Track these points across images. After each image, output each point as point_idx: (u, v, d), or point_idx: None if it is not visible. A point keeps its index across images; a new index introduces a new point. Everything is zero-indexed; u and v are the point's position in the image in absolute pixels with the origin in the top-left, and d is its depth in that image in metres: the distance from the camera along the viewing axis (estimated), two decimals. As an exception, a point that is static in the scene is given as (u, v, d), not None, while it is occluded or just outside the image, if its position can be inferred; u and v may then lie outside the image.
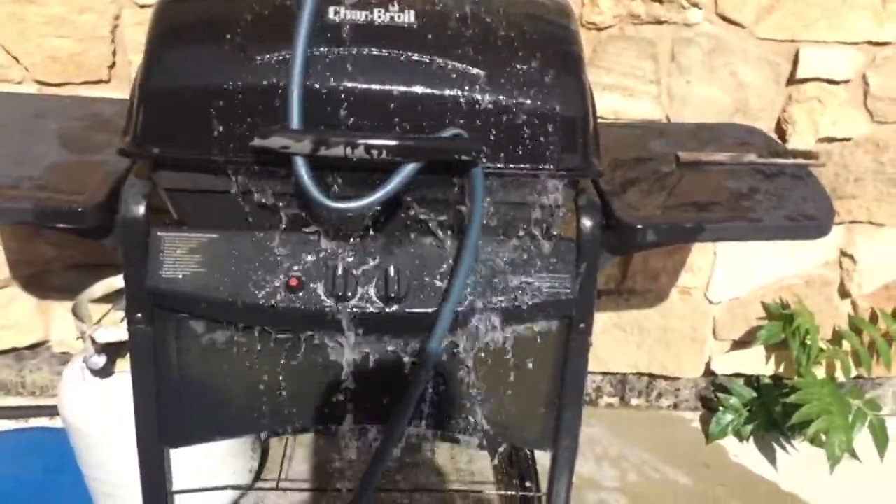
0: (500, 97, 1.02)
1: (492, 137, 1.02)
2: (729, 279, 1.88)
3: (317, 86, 0.99)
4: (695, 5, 1.60)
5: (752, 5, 1.61)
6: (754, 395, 1.97)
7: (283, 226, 1.10)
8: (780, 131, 1.74)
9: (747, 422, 1.95)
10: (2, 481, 1.68)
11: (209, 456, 1.41)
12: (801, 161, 1.36)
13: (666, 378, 2.03)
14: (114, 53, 1.60)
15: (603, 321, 1.91)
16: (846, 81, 1.69)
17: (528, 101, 1.03)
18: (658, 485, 1.83)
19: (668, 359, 1.98)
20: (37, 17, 1.54)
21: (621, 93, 1.67)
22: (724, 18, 1.63)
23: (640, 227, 1.14)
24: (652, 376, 2.03)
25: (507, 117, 1.02)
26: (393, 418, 1.13)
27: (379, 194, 0.99)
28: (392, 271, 1.10)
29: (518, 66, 1.03)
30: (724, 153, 1.36)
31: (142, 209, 1.09)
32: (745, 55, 1.66)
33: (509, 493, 1.71)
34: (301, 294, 1.10)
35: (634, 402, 2.07)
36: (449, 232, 1.11)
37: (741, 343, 1.98)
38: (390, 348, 1.15)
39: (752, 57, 1.66)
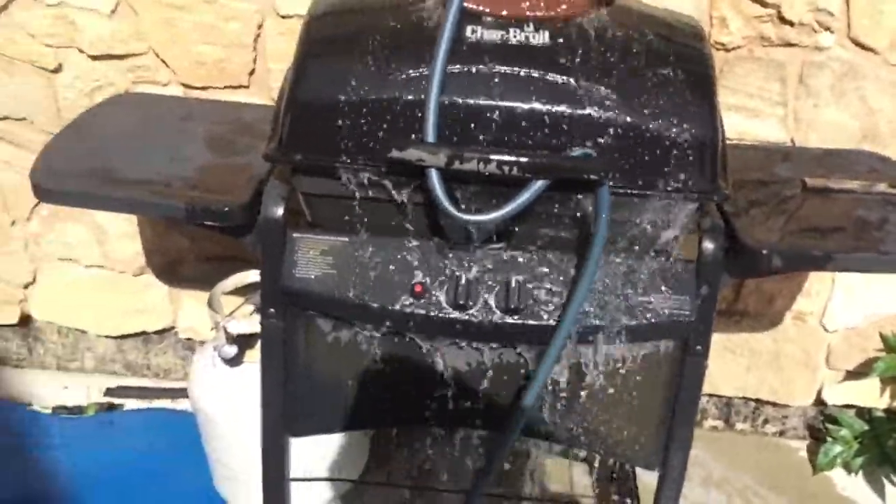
0: (630, 118, 1.04)
1: (620, 157, 1.04)
2: (847, 307, 1.83)
3: (452, 101, 1.04)
4: (827, 29, 1.57)
5: (887, 30, 1.57)
6: (866, 427, 1.90)
7: (411, 234, 1.15)
8: (911, 159, 1.69)
9: (857, 455, 1.88)
10: (127, 455, 1.79)
11: (325, 446, 1.48)
12: (934, 192, 1.32)
13: (774, 404, 1.99)
14: (254, 60, 1.68)
15: (712, 342, 1.89)
16: (984, 110, 1.63)
17: (658, 123, 1.04)
18: (761, 512, 1.80)
19: (778, 384, 1.94)
20: (187, 23, 1.64)
21: (746, 114, 1.66)
22: (857, 43, 1.59)
23: (765, 252, 1.13)
24: (759, 401, 1.99)
25: (635, 138, 1.04)
26: (505, 428, 1.16)
27: (509, 208, 1.02)
28: (513, 283, 1.13)
29: (649, 87, 1.05)
30: (854, 181, 1.34)
31: (281, 211, 1.16)
32: (878, 80, 1.62)
33: (610, 507, 1.72)
34: (424, 300, 1.14)
35: (740, 426, 2.04)
36: (573, 247, 1.13)
37: (855, 374, 1.92)
38: (507, 359, 1.19)
39: (885, 83, 1.62)
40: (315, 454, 1.44)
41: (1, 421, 1.88)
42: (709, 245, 1.14)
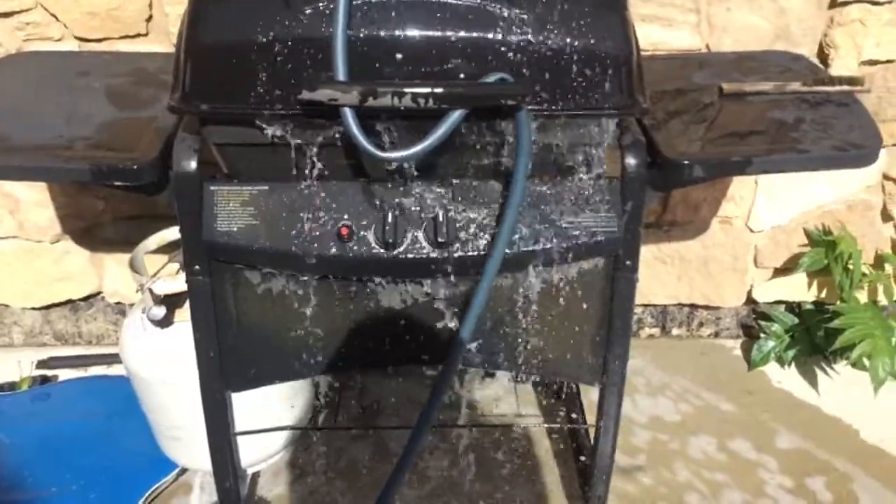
0: (544, 38, 1.01)
1: (536, 80, 1.02)
2: (771, 207, 1.87)
3: (360, 35, 1.00)
4: (735, -71, 1.56)
5: (794, -74, 1.57)
6: (796, 321, 1.97)
7: (333, 176, 1.12)
8: (823, 56, 1.71)
9: (789, 348, 1.96)
10: (68, 426, 1.75)
11: (268, 399, 1.46)
12: (846, 88, 1.35)
13: (707, 308, 2.05)
14: (150, 6, 1.60)
15: (643, 254, 1.91)
16: (889, 1, 1.64)
17: (572, 41, 1.02)
18: (701, 412, 1.86)
19: (710, 288, 1.99)
20: (73, -28, 1.54)
21: (660, 23, 1.65)
22: (766, -59, 1.59)
23: (686, 163, 1.13)
24: (693, 306, 2.04)
25: (551, 58, 1.02)
26: (447, 360, 1.16)
27: (427, 142, 1.00)
28: (441, 216, 1.12)
29: (560, 5, 1.02)
30: (768, 83, 1.35)
31: (194, 164, 1.12)
32: (786, -22, 1.62)
33: (557, 425, 1.75)
34: (351, 242, 1.12)
35: (676, 331, 2.10)
36: (498, 175, 1.12)
37: (783, 270, 1.98)
38: (440, 292, 1.18)
39: (793, -20, 1.62)
40: (259, 404, 1.43)
41: (-70, 406, 1.81)
42: (631, 161, 1.14)
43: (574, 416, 1.70)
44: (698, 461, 1.72)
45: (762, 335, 1.98)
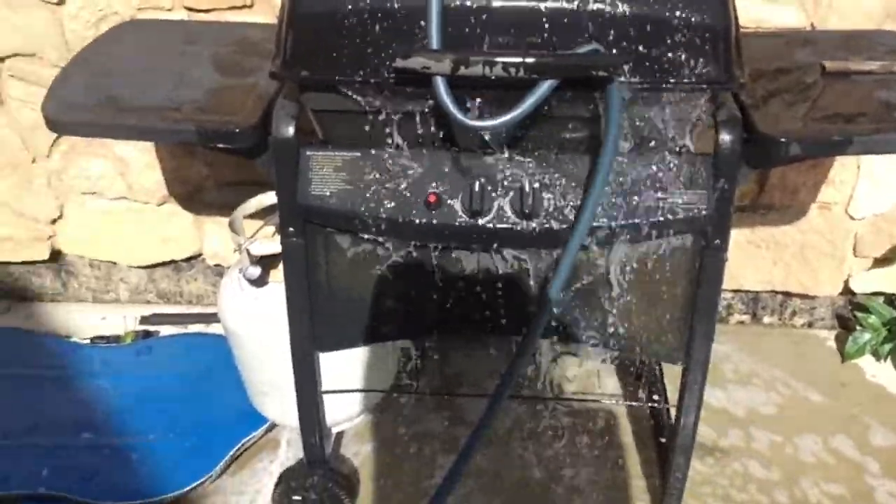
0: (638, 8, 1.01)
1: (630, 51, 1.02)
2: (872, 194, 1.80)
3: (455, 5, 1.01)
4: None
5: None
6: (895, 314, 1.90)
7: (423, 144, 1.14)
8: (937, 37, 1.63)
9: (886, 341, 1.88)
10: (167, 379, 1.85)
11: (354, 361, 1.51)
12: (959, 69, 1.28)
13: (802, 296, 1.99)
14: (257, -21, 1.66)
15: (737, 237, 1.88)
16: None
17: (667, 12, 1.01)
18: (791, 402, 1.82)
19: (805, 276, 1.93)
20: (185, -55, 1.61)
21: (764, 0, 1.60)
22: (879, -84, 1.52)
23: (783, 140, 1.10)
24: (787, 294, 1.99)
25: (645, 29, 1.01)
26: (527, 332, 1.17)
27: (516, 112, 1.01)
28: (527, 187, 1.12)
29: (657, -23, 1.02)
30: (874, 62, 1.30)
31: (291, 130, 1.16)
32: (901, -45, 1.55)
33: (637, 404, 1.74)
34: (439, 209, 1.15)
35: (767, 319, 2.04)
36: (586, 149, 1.12)
37: (883, 261, 1.90)
38: (526, 263, 1.19)
39: (909, -44, 1.55)
40: (345, 366, 1.48)
41: (43, 354, 1.94)
42: (725, 137, 1.12)
43: (655, 396, 1.69)
44: (777, 448, 1.68)
45: (858, 327, 1.91)
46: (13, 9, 1.71)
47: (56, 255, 2.08)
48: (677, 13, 1.01)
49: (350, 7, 1.04)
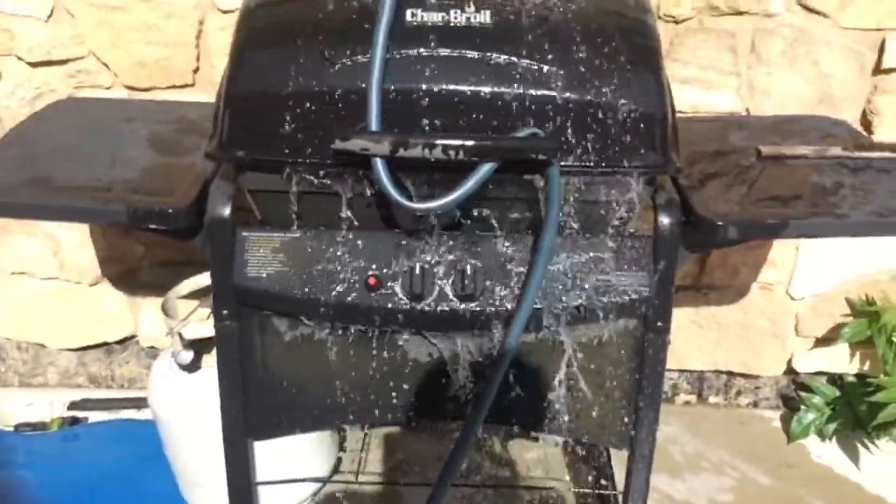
0: (577, 95, 1.02)
1: (569, 135, 1.02)
2: (812, 274, 1.83)
3: (394, 88, 1.01)
4: (776, -5, 1.56)
5: (836, -7, 1.57)
6: (838, 393, 1.91)
7: (362, 226, 1.12)
8: (866, 123, 1.69)
9: (830, 421, 1.89)
10: (95, 468, 1.76)
11: (291, 449, 1.45)
12: (888, 154, 1.32)
13: (745, 376, 1.99)
14: (198, 58, 1.65)
15: (680, 317, 1.88)
16: (936, 70, 1.63)
17: (605, 99, 1.02)
18: (738, 484, 1.79)
19: (748, 356, 1.94)
20: (126, 23, 1.60)
21: (700, 85, 1.65)
22: (806, 8, 1.58)
23: (720, 224, 1.11)
24: (731, 374, 1.99)
25: (583, 115, 1.02)
26: (470, 416, 1.14)
27: (456, 194, 1.00)
28: (469, 269, 1.11)
29: (594, 63, 1.03)
30: (808, 147, 1.33)
31: (227, 210, 1.13)
32: (829, 45, 1.61)
33: (584, 490, 1.71)
34: (379, 292, 1.12)
35: (713, 399, 2.04)
36: (526, 230, 1.11)
37: (824, 340, 1.92)
38: (467, 346, 1.17)
39: (836, 46, 1.62)
40: (281, 454, 1.42)
41: (-37, 443, 1.83)
42: (664, 220, 1.12)
43: (603, 481, 1.65)
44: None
45: (802, 407, 1.92)
46: (-55, 84, 1.67)
47: (-18, 338, 1.99)
48: (614, 99, 1.02)
49: (288, 88, 1.03)
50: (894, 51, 1.60)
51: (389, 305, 1.12)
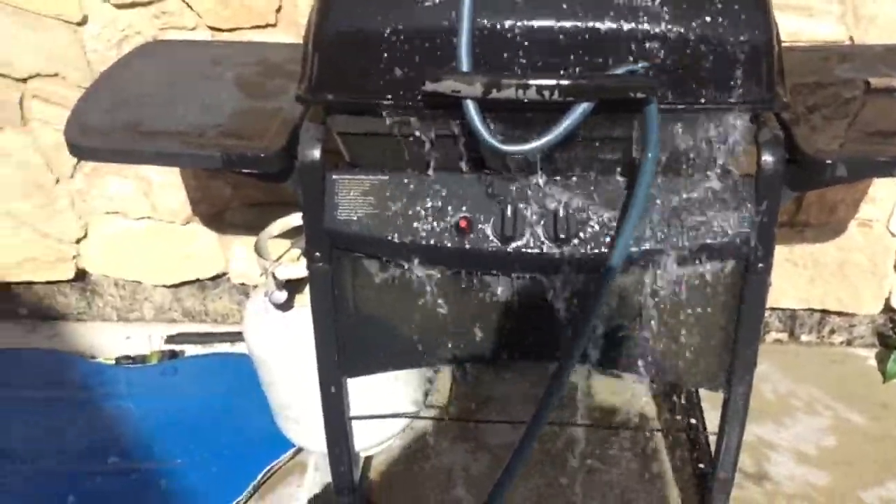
0: (676, 27, 0.97)
1: (668, 71, 0.98)
2: (915, 209, 1.75)
3: (486, 25, 0.98)
4: (887, -89, 1.45)
5: None
6: (938, 332, 1.84)
7: (453, 168, 1.11)
8: (984, 48, 1.57)
9: (929, 360, 1.83)
10: (193, 401, 1.83)
11: (383, 385, 1.48)
12: None
13: (840, 314, 1.93)
14: (280, -4, 1.64)
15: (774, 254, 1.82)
16: None
17: (706, 30, 0.97)
18: (831, 423, 1.76)
19: (844, 293, 1.87)
20: (208, -37, 1.59)
21: (800, 13, 1.55)
22: (921, -77, 1.47)
23: (829, 162, 1.06)
24: (825, 312, 1.93)
25: (684, 48, 0.98)
26: (564, 356, 1.13)
27: (551, 136, 0.97)
28: (561, 212, 1.09)
29: (694, -8, 0.98)
30: (921, 77, 1.25)
31: (317, 153, 1.13)
32: (945, -36, 1.50)
33: (676, 432, 1.69)
34: (470, 235, 1.11)
35: (805, 338, 1.99)
36: (622, 171, 1.08)
37: (925, 278, 1.84)
38: (559, 288, 1.15)
39: (953, -35, 1.50)
40: (374, 391, 1.45)
41: (67, 374, 1.92)
42: (768, 158, 1.07)
43: (694, 421, 1.64)
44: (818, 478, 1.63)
45: (900, 345, 1.85)
46: (34, 29, 1.70)
47: (81, 275, 2.07)
48: (716, 31, 0.97)
49: (377, 29, 1.01)
50: None
51: (480, 248, 1.11)
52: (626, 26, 0.97)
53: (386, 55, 1.01)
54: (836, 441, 1.72)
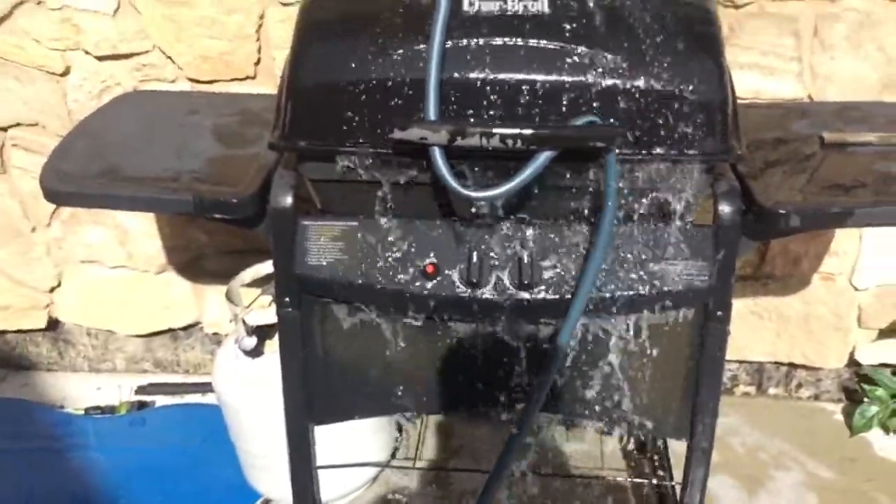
0: (636, 82, 1.01)
1: (627, 123, 1.02)
2: (876, 264, 1.79)
3: (453, 77, 1.02)
4: (840, -22, 1.52)
5: (905, -26, 1.52)
6: (903, 386, 1.87)
7: (420, 214, 1.14)
8: (934, 109, 1.64)
9: (893, 414, 1.84)
10: (161, 451, 1.82)
11: (351, 434, 1.48)
12: (958, 141, 1.28)
13: (807, 368, 1.95)
14: (259, 51, 1.68)
15: (739, 308, 1.86)
16: None
17: (665, 86, 1.01)
18: (799, 478, 1.77)
19: (810, 347, 1.90)
20: (190, 18, 1.63)
21: (761, 72, 1.62)
22: (873, -10, 1.54)
23: (782, 212, 1.10)
24: (792, 365, 1.96)
25: (642, 102, 1.01)
26: (527, 405, 1.14)
27: (514, 182, 1.00)
28: (526, 258, 1.11)
29: (654, 50, 1.02)
30: (873, 133, 1.30)
31: (289, 199, 1.15)
32: (895, 28, 1.57)
33: (642, 480, 1.70)
34: (436, 280, 1.13)
35: (773, 391, 2.01)
36: (584, 219, 1.11)
37: (889, 332, 1.87)
38: (524, 334, 1.17)
39: (904, 30, 1.57)
40: (342, 439, 1.44)
41: (36, 424, 1.91)
42: (725, 208, 1.11)
43: (661, 472, 1.64)
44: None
45: (865, 399, 1.87)
46: (17, 79, 1.73)
47: (53, 324, 2.07)
48: (674, 86, 1.01)
49: (348, 79, 1.04)
50: (965, 34, 1.55)
51: (446, 293, 1.13)
52: (587, 80, 1.01)
53: (356, 104, 1.05)
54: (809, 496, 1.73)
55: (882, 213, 1.13)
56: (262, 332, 1.42)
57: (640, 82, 1.01)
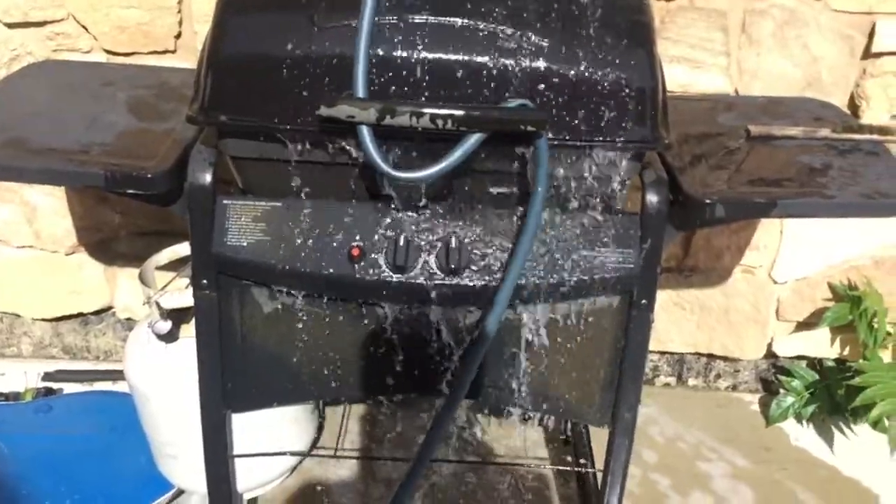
0: (567, 67, 1.00)
1: (558, 108, 1.01)
2: (795, 259, 1.83)
3: (382, 55, 0.99)
4: (768, -25, 1.55)
5: (828, -25, 1.56)
6: (817, 377, 1.92)
7: (346, 196, 1.10)
8: (853, 106, 1.68)
9: (808, 404, 1.90)
10: (67, 439, 1.73)
11: (270, 421, 1.43)
12: (876, 137, 1.32)
13: (725, 359, 1.99)
14: (180, 23, 1.61)
15: (663, 299, 1.88)
16: (925, 55, 1.62)
17: (596, 72, 1.01)
18: (716, 466, 1.80)
19: (729, 339, 1.94)
20: (106, -14, 1.56)
21: (689, 65, 1.63)
22: (798, -11, 1.57)
23: (708, 202, 1.11)
24: (711, 356, 1.99)
25: (573, 88, 1.00)
26: (452, 391, 1.12)
27: (443, 164, 0.98)
28: (454, 242, 1.09)
29: (586, 36, 1.01)
30: (797, 128, 1.32)
31: (208, 177, 1.11)
32: (819, 28, 1.60)
33: (564, 468, 1.70)
34: (362, 264, 1.10)
35: (692, 382, 2.04)
36: (513, 203, 1.10)
37: (805, 325, 1.93)
38: (450, 320, 1.15)
39: (826, 29, 1.61)
40: (260, 427, 1.40)
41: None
42: (652, 197, 1.11)
43: (582, 460, 1.65)
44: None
45: (781, 390, 1.92)
46: (-82, 44, 1.63)
47: (-45, 306, 1.95)
48: (605, 72, 1.01)
49: (274, 52, 1.00)
50: (884, 34, 1.59)
51: (372, 278, 1.10)
52: (518, 63, 0.99)
53: (280, 79, 1.00)
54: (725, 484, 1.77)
55: (804, 205, 1.15)
56: (178, 316, 1.36)
57: (571, 68, 1.00)
